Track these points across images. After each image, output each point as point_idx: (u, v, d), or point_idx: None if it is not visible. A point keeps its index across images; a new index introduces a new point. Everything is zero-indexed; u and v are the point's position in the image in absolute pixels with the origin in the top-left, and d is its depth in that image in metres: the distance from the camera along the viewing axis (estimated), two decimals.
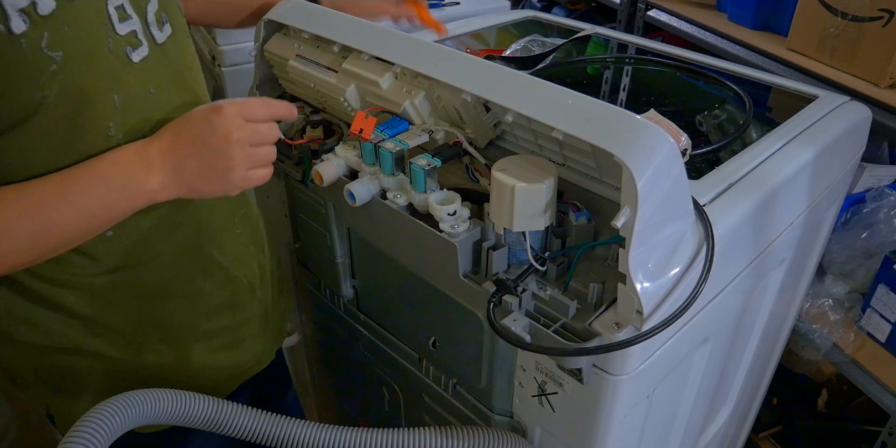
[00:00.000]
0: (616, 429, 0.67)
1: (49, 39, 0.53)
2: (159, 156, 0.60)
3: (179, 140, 0.61)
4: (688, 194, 0.62)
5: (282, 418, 0.70)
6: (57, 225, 0.57)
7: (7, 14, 0.50)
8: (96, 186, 0.58)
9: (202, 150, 0.60)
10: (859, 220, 1.15)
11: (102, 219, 0.60)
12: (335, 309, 0.96)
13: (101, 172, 0.59)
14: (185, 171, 0.60)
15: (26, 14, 0.51)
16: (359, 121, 0.71)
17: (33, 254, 0.58)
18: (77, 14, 0.55)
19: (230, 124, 0.61)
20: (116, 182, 0.59)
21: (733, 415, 1.12)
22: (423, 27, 1.05)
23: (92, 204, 0.58)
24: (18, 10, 0.51)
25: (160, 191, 0.60)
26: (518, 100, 0.63)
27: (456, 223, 0.65)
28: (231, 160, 0.61)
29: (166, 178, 0.60)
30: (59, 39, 0.54)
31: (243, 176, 0.62)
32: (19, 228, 0.55)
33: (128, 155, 0.60)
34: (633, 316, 0.58)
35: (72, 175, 0.58)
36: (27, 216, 0.56)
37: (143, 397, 0.64)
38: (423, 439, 0.70)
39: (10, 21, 0.51)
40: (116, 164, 0.59)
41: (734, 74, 1.01)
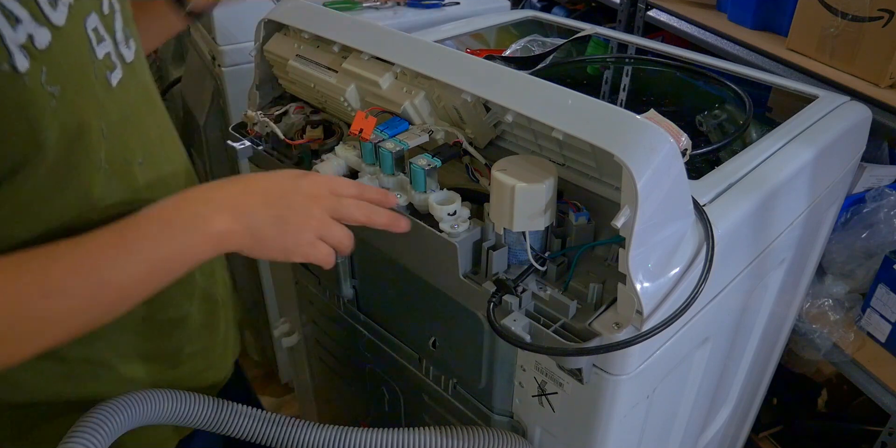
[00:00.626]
0: (616, 429, 0.67)
1: (48, 74, 0.49)
2: (229, 198, 0.56)
3: (253, 187, 0.57)
4: (688, 194, 0.62)
5: (282, 418, 0.70)
6: (115, 280, 0.52)
7: (10, 51, 0.46)
8: (157, 232, 0.53)
9: (279, 201, 0.57)
10: (859, 220, 1.15)
11: (164, 270, 0.54)
12: (335, 309, 0.96)
13: (161, 216, 0.54)
14: (256, 216, 0.56)
15: (26, 49, 0.47)
16: (359, 121, 0.71)
17: (90, 315, 0.53)
18: (67, 42, 0.51)
19: (317, 188, 0.59)
20: (178, 224, 0.54)
21: (733, 415, 1.12)
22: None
23: (153, 252, 0.53)
24: (19, 46, 0.47)
25: (226, 234, 0.55)
26: (518, 100, 0.63)
27: (456, 223, 0.65)
28: (308, 219, 0.57)
29: (235, 221, 0.55)
30: (56, 73, 0.50)
31: (311, 241, 0.58)
32: (73, 286, 0.50)
33: (190, 196, 0.56)
34: (633, 316, 0.58)
35: (129, 223, 0.53)
36: (81, 271, 0.51)
37: (143, 397, 0.64)
38: (423, 439, 0.70)
39: (13, 58, 0.47)
40: (178, 207, 0.55)
41: (734, 74, 1.01)
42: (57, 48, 0.50)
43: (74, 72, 0.52)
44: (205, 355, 0.78)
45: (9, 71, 0.47)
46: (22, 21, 0.47)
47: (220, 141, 1.43)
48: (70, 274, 0.50)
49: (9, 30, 0.46)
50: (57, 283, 0.50)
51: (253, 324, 1.78)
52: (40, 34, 0.49)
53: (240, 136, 0.89)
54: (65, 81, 0.51)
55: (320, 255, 0.59)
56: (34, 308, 0.50)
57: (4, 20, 0.46)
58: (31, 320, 0.50)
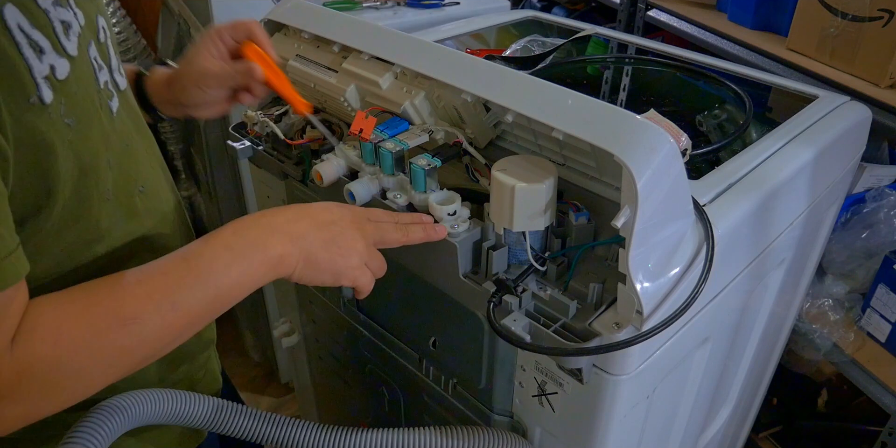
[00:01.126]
0: (616, 429, 0.67)
1: (66, 106, 0.50)
2: (283, 223, 0.58)
3: (306, 214, 0.60)
4: (688, 194, 0.62)
5: (282, 418, 0.70)
6: (185, 306, 0.53)
7: (38, 83, 0.47)
8: (220, 256, 0.55)
9: (330, 227, 0.60)
10: (859, 220, 1.15)
11: (228, 296, 0.56)
12: (335, 309, 0.96)
13: (224, 242, 0.56)
14: (308, 239, 0.58)
15: (49, 81, 0.48)
16: (359, 121, 0.71)
17: (162, 342, 0.53)
18: (80, 72, 0.52)
19: (359, 216, 0.62)
20: (239, 250, 0.56)
21: (733, 415, 1.12)
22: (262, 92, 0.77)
23: (218, 278, 0.54)
24: (44, 77, 0.47)
25: (284, 257, 0.57)
26: (518, 100, 0.63)
27: (456, 223, 0.65)
28: (356, 243, 0.60)
29: (291, 244, 0.57)
30: (72, 104, 0.51)
31: (358, 265, 0.61)
32: (147, 313, 0.51)
33: (248, 223, 0.58)
34: (633, 316, 0.58)
35: (191, 250, 0.55)
36: (154, 298, 0.51)
37: (143, 397, 0.64)
38: (423, 439, 0.70)
39: (41, 90, 0.47)
40: (238, 233, 0.57)
41: (734, 74, 1.01)
42: (73, 79, 0.50)
43: (86, 102, 0.53)
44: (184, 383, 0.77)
45: (37, 103, 0.47)
46: (45, 52, 0.48)
47: (220, 141, 1.43)
48: (144, 302, 0.51)
49: (36, 61, 0.47)
50: (132, 312, 0.50)
51: (253, 324, 1.78)
52: (60, 65, 0.49)
53: (240, 136, 0.89)
54: (79, 112, 0.51)
55: (366, 280, 0.62)
56: (111, 338, 0.50)
57: (32, 52, 0.46)
58: (109, 350, 0.50)
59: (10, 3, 0.46)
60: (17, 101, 0.45)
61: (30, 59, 0.46)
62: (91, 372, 0.50)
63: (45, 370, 0.48)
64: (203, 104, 0.76)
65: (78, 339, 0.48)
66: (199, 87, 0.73)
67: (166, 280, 0.53)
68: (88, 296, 0.51)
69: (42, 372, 0.48)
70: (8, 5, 0.45)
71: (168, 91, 0.76)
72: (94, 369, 0.51)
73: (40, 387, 0.48)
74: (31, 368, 0.47)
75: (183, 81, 0.74)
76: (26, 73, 0.46)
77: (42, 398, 0.49)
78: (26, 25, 0.46)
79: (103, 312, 0.50)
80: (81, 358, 0.49)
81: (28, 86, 0.46)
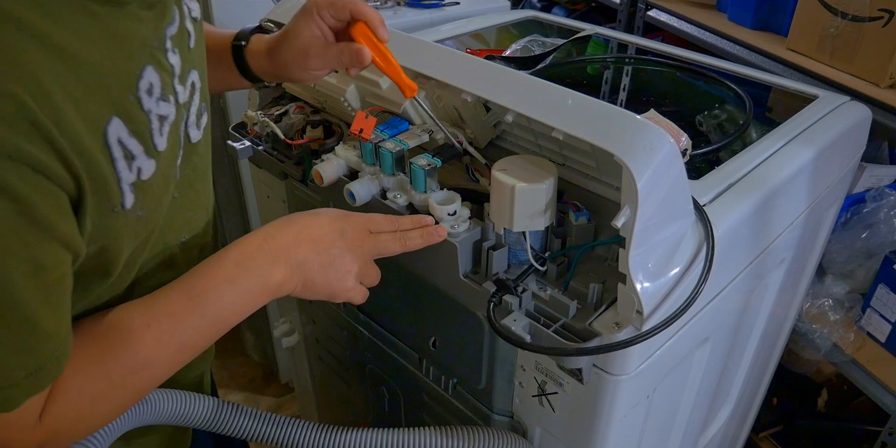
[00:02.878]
0: (616, 429, 0.67)
1: (143, 201, 0.50)
2: (285, 248, 0.58)
3: (304, 236, 0.60)
4: (688, 194, 0.62)
5: (282, 419, 0.70)
6: (191, 342, 0.55)
7: (123, 191, 0.47)
8: (224, 292, 0.56)
9: (330, 249, 0.60)
10: (859, 220, 1.15)
11: (229, 323, 0.57)
12: (335, 309, 0.96)
13: (226, 275, 0.56)
14: (307, 264, 0.59)
15: (134, 186, 0.48)
16: (359, 121, 0.71)
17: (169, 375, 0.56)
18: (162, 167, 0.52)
19: (359, 231, 0.62)
20: (243, 283, 0.56)
21: (733, 415, 1.12)
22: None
23: (223, 311, 0.56)
24: (130, 183, 0.48)
25: (284, 284, 0.58)
26: (518, 100, 0.63)
27: (456, 223, 0.65)
28: (353, 265, 0.61)
29: (291, 270, 0.58)
30: (148, 199, 0.51)
31: (354, 286, 0.62)
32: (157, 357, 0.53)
33: (249, 251, 0.58)
34: (633, 316, 0.58)
35: (195, 285, 0.55)
36: (163, 342, 0.53)
37: (144, 397, 0.64)
38: (423, 439, 0.70)
39: (125, 198, 0.48)
40: (241, 264, 0.57)
41: (734, 74, 1.01)
42: (156, 176, 0.51)
43: (161, 192, 0.53)
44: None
45: (119, 210, 0.48)
46: (136, 157, 0.48)
47: (221, 141, 1.43)
48: (154, 348, 0.53)
49: (126, 171, 0.47)
50: (143, 359, 0.53)
51: (253, 324, 1.78)
52: (147, 166, 0.49)
53: (240, 136, 0.89)
54: (152, 204, 0.52)
55: (359, 297, 0.64)
56: (127, 386, 0.53)
57: (124, 162, 0.47)
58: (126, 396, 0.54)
59: (117, 116, 0.46)
60: (101, 211, 0.46)
61: (121, 171, 0.47)
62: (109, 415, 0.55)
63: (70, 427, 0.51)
64: (305, 80, 0.75)
65: (97, 394, 0.52)
66: (302, 67, 0.70)
67: (173, 322, 0.54)
68: (102, 349, 0.52)
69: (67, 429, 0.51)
70: (114, 120, 0.45)
71: (270, 63, 0.74)
72: (112, 413, 0.55)
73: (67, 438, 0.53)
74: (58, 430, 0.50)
75: (285, 59, 0.71)
76: (115, 185, 0.47)
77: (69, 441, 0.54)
78: (125, 136, 0.47)
79: (118, 365, 0.52)
80: (101, 407, 0.53)
81: (114, 196, 0.47)
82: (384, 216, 0.65)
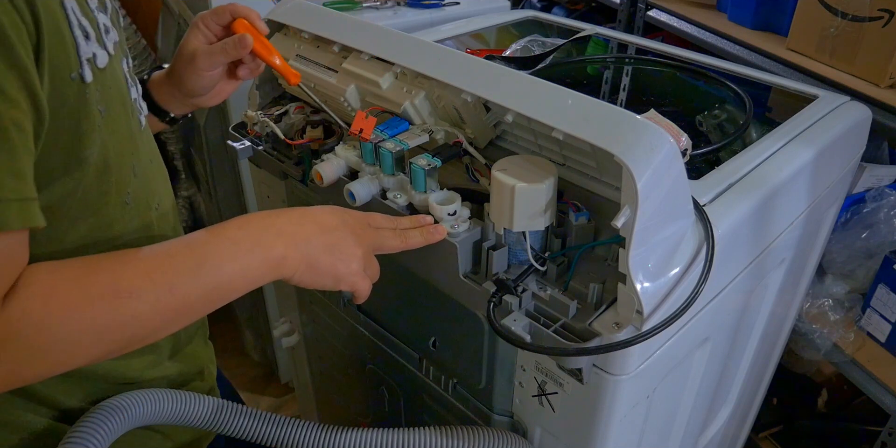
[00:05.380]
0: (616, 429, 0.67)
1: (100, 93, 0.53)
2: (288, 225, 0.59)
3: (307, 220, 0.60)
4: (688, 194, 0.62)
5: (282, 418, 0.70)
6: (182, 289, 0.53)
7: (81, 62, 0.50)
8: (225, 249, 0.55)
9: (334, 233, 0.60)
10: (859, 220, 1.15)
11: (226, 289, 0.55)
12: (335, 309, 0.96)
13: (229, 236, 0.56)
14: (312, 243, 0.59)
15: (91, 64, 0.51)
16: (359, 121, 0.71)
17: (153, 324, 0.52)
18: (114, 72, 0.55)
19: (361, 222, 0.63)
20: (244, 245, 0.55)
21: (733, 415, 1.12)
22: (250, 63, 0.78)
23: (219, 268, 0.54)
24: (87, 59, 0.51)
25: (286, 259, 0.57)
26: (518, 100, 0.63)
27: (456, 223, 0.65)
28: (357, 249, 0.61)
29: (294, 247, 0.58)
30: (105, 94, 0.53)
31: (358, 271, 0.62)
32: (143, 289, 0.51)
33: (254, 221, 0.58)
34: (633, 316, 0.58)
35: (195, 239, 0.55)
36: (152, 276, 0.51)
37: (144, 397, 0.64)
38: (423, 439, 0.70)
39: (83, 69, 0.50)
40: (244, 228, 0.57)
41: (734, 74, 1.01)
42: (109, 72, 0.54)
43: (116, 100, 0.56)
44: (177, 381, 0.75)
45: (77, 80, 0.50)
46: (90, 39, 0.51)
47: (221, 141, 1.43)
48: (142, 277, 0.51)
49: (83, 42, 0.50)
50: (128, 286, 0.50)
51: (253, 324, 1.78)
52: (100, 55, 0.52)
53: (240, 136, 0.89)
54: (109, 104, 0.54)
55: (364, 285, 0.63)
56: (104, 309, 0.49)
57: (80, 33, 0.50)
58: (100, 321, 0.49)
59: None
60: (60, 73, 0.48)
61: (79, 38, 0.50)
62: (79, 341, 0.49)
63: (33, 332, 0.47)
64: (203, 88, 0.77)
65: (70, 304, 0.48)
66: (193, 70, 0.74)
67: (168, 262, 0.53)
68: (87, 265, 0.51)
69: (30, 333, 0.47)
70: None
71: (169, 86, 0.78)
72: (82, 339, 0.50)
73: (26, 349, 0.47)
74: (19, 328, 0.46)
75: (178, 70, 0.76)
76: (73, 50, 0.49)
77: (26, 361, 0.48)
78: (78, 12, 0.50)
79: (100, 282, 0.50)
80: (71, 324, 0.48)
81: (73, 61, 0.49)
82: (383, 215, 0.66)
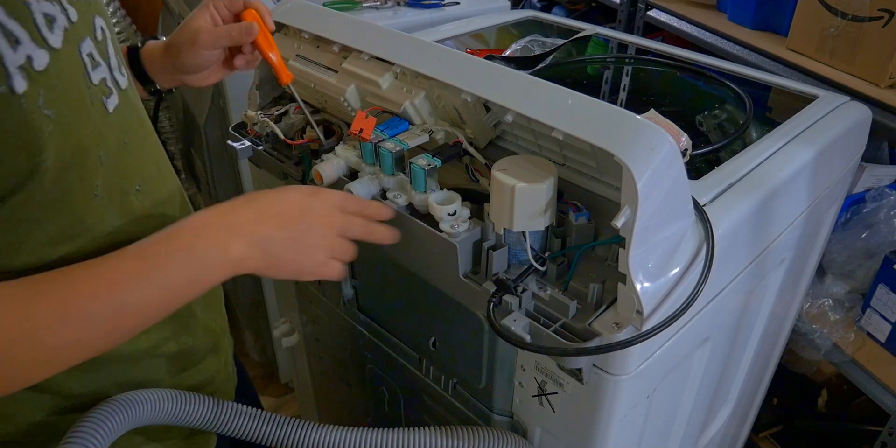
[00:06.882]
0: (616, 429, 0.67)
1: (45, 97, 0.49)
2: (246, 223, 0.57)
3: (269, 212, 0.58)
4: (688, 194, 0.62)
5: (282, 418, 0.70)
6: (133, 306, 0.52)
7: (9, 73, 0.46)
8: (176, 258, 0.53)
9: (296, 225, 0.59)
10: (859, 220, 1.15)
11: (181, 295, 0.55)
12: (335, 309, 0.96)
13: (181, 242, 0.54)
14: (273, 241, 0.57)
15: (25, 71, 0.47)
16: (359, 121, 0.71)
17: (105, 341, 0.52)
18: (63, 65, 0.51)
19: (327, 208, 0.61)
20: (198, 252, 0.54)
21: (733, 415, 1.12)
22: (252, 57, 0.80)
23: (172, 279, 0.53)
24: (18, 67, 0.46)
25: (244, 260, 0.56)
26: (518, 100, 0.63)
27: (456, 223, 0.65)
28: (322, 239, 0.60)
29: (253, 247, 0.56)
30: (53, 96, 0.49)
31: (324, 261, 0.61)
32: (92, 312, 0.50)
33: (208, 220, 0.56)
34: (633, 316, 0.58)
35: (147, 248, 0.53)
36: (101, 297, 0.50)
37: (144, 397, 0.64)
38: (423, 439, 0.70)
39: (12, 80, 0.46)
40: (196, 232, 0.55)
41: (734, 74, 1.01)
42: (54, 71, 0.49)
43: (71, 95, 0.52)
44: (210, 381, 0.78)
45: (6, 93, 0.46)
46: (21, 42, 0.47)
47: (220, 141, 1.43)
48: (90, 300, 0.50)
49: (9, 51, 0.46)
50: (76, 310, 0.49)
51: (253, 324, 1.78)
52: (38, 56, 0.48)
53: (240, 136, 0.89)
54: (61, 105, 0.51)
55: (332, 272, 0.62)
56: (52, 335, 0.49)
57: (5, 41, 0.46)
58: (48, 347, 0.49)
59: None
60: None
61: (2, 48, 0.46)
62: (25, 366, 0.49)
63: None
64: (197, 67, 0.76)
65: (15, 332, 0.47)
66: (193, 46, 0.74)
67: (117, 279, 0.51)
68: (35, 290, 0.49)
69: None
70: None
71: (164, 57, 0.77)
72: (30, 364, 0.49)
73: None
74: None
75: (178, 44, 0.75)
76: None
77: None
78: (2, 15, 0.46)
79: (47, 307, 0.49)
80: (17, 350, 0.48)
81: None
82: (354, 197, 0.65)
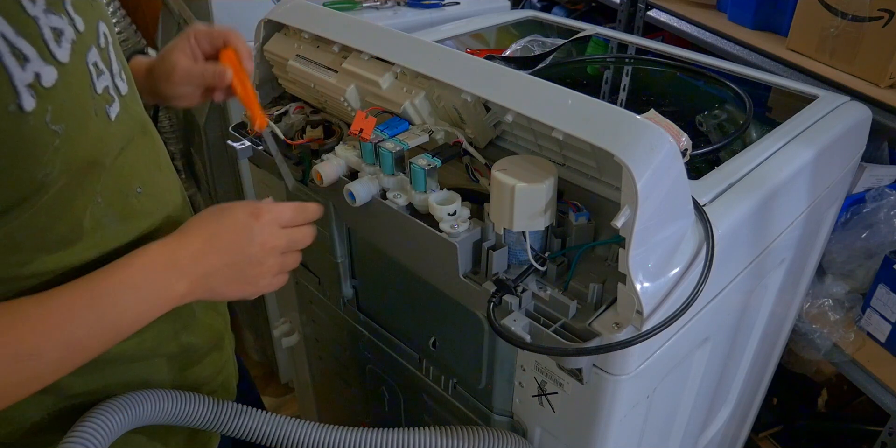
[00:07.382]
0: (616, 429, 0.67)
1: (53, 113, 0.49)
2: (191, 259, 0.58)
3: (214, 245, 0.60)
4: (688, 194, 0.62)
5: (282, 418, 0.71)
6: (84, 341, 0.53)
7: (17, 91, 0.46)
8: (126, 296, 0.55)
9: (237, 258, 0.60)
10: (859, 220, 1.15)
11: (127, 329, 0.57)
12: (335, 309, 0.96)
13: (131, 281, 0.56)
14: (214, 277, 0.59)
15: (33, 89, 0.47)
16: (359, 121, 0.71)
17: (55, 375, 0.54)
18: (71, 79, 0.51)
19: (267, 232, 0.62)
20: (146, 290, 0.56)
21: (733, 415, 1.12)
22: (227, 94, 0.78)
23: (121, 316, 0.55)
24: (27, 85, 0.47)
25: (186, 295, 0.58)
26: (518, 100, 0.63)
27: (456, 223, 0.65)
28: (262, 267, 0.62)
29: (195, 283, 0.58)
30: (61, 111, 0.50)
31: (266, 286, 0.63)
32: (45, 349, 0.51)
33: (157, 258, 0.57)
34: (633, 316, 0.58)
35: (99, 285, 0.55)
36: (53, 335, 0.51)
37: (144, 397, 0.64)
38: (423, 439, 0.70)
39: (21, 98, 0.47)
40: (145, 270, 0.57)
41: (734, 74, 1.01)
42: (62, 86, 0.50)
43: (77, 109, 0.52)
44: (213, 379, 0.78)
45: (15, 111, 0.47)
46: (30, 60, 0.47)
47: (220, 141, 1.43)
48: (42, 337, 0.51)
49: (17, 69, 0.46)
50: (29, 348, 0.50)
51: (253, 324, 1.78)
52: (47, 72, 0.48)
53: (240, 136, 0.89)
54: (68, 119, 0.51)
55: (276, 285, 0.65)
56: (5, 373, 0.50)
57: (14, 59, 0.46)
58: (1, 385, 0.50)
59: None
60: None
61: (10, 67, 0.46)
62: None
63: None
64: (174, 97, 0.77)
65: None
66: (168, 81, 0.75)
67: (69, 316, 0.53)
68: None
69: None
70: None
71: (145, 80, 0.77)
72: None
73: None
74: None
75: (156, 74, 0.76)
76: (6, 81, 0.46)
77: None
78: (11, 34, 0.46)
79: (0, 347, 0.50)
80: None
81: (6, 94, 0.46)
82: (293, 207, 0.65)
